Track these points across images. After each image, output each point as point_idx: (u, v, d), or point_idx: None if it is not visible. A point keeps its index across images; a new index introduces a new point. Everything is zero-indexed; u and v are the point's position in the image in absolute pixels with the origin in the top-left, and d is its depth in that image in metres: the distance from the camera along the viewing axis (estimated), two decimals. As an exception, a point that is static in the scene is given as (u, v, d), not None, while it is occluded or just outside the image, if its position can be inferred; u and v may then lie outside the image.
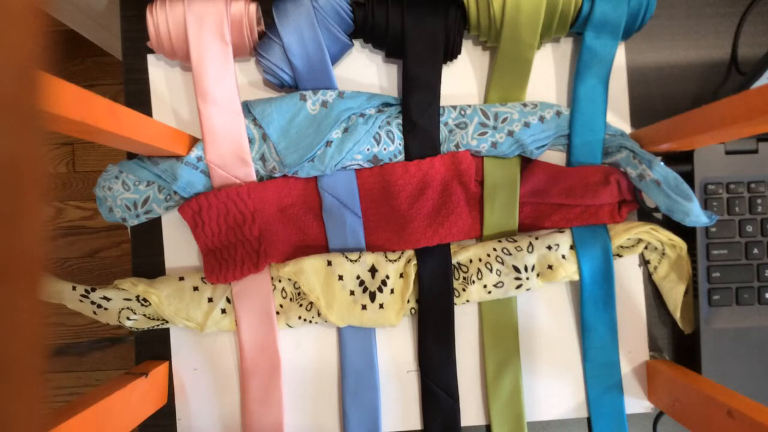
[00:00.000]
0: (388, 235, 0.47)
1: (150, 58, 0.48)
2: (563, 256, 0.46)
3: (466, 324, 0.49)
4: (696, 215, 0.42)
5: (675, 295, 0.47)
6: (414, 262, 0.46)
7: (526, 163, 0.48)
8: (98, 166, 1.17)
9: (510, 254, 0.46)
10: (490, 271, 0.46)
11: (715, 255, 0.46)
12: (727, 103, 0.35)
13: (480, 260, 0.46)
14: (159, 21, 0.43)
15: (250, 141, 0.45)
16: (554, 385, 0.49)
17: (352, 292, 0.46)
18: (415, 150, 0.46)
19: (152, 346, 0.48)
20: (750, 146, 0.46)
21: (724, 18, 0.50)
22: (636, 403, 0.49)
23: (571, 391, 0.49)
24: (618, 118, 0.49)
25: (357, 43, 0.49)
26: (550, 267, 0.46)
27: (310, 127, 0.45)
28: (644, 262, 0.49)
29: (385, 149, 0.46)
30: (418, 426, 0.48)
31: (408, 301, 0.47)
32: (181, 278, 0.46)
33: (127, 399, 0.41)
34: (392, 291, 0.46)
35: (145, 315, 0.46)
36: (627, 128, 0.49)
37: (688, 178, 0.45)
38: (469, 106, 0.47)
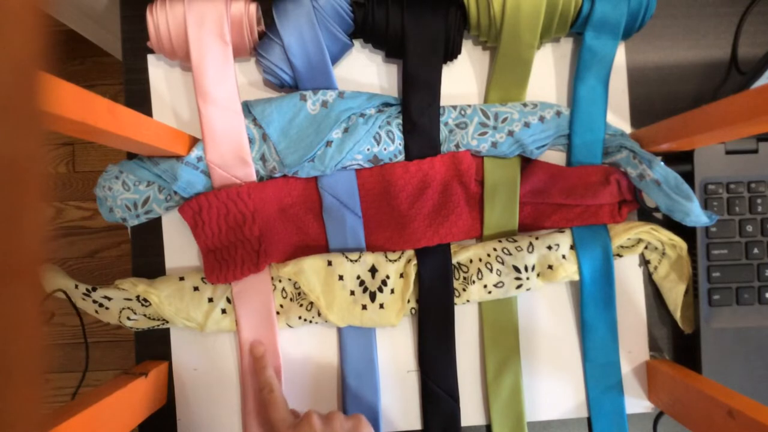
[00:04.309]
0: (388, 234, 0.47)
1: (150, 58, 0.48)
2: (563, 256, 0.46)
3: (466, 324, 0.49)
4: (696, 215, 0.42)
5: (675, 295, 0.47)
6: (414, 262, 0.46)
7: (526, 163, 0.48)
8: (98, 166, 1.17)
9: (510, 254, 0.46)
10: (491, 271, 0.46)
11: (716, 255, 0.46)
12: (727, 103, 0.35)
13: (480, 260, 0.46)
14: (159, 21, 0.43)
15: (250, 141, 0.45)
16: (554, 385, 0.49)
17: (352, 292, 0.46)
18: (415, 150, 0.46)
19: (152, 346, 0.48)
20: (750, 146, 0.46)
21: (724, 18, 0.50)
22: (636, 403, 0.49)
23: (571, 391, 0.49)
24: (618, 118, 0.49)
25: (357, 43, 0.49)
26: (550, 267, 0.46)
27: (310, 127, 0.45)
28: (644, 262, 0.49)
29: (385, 149, 0.46)
30: (418, 426, 0.48)
31: (408, 301, 0.47)
32: (182, 278, 0.46)
33: (127, 399, 0.41)
34: (392, 291, 0.46)
35: (145, 315, 0.46)
36: (627, 128, 0.49)
37: (688, 178, 0.45)
38: (469, 106, 0.47)
